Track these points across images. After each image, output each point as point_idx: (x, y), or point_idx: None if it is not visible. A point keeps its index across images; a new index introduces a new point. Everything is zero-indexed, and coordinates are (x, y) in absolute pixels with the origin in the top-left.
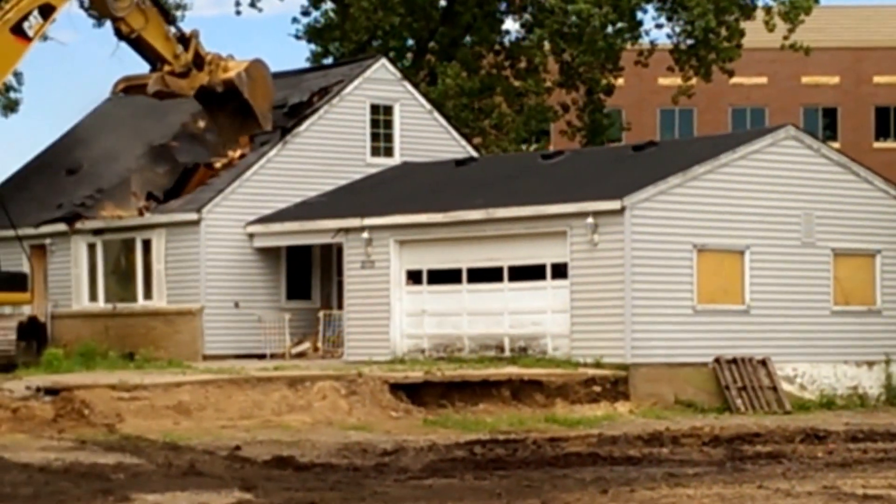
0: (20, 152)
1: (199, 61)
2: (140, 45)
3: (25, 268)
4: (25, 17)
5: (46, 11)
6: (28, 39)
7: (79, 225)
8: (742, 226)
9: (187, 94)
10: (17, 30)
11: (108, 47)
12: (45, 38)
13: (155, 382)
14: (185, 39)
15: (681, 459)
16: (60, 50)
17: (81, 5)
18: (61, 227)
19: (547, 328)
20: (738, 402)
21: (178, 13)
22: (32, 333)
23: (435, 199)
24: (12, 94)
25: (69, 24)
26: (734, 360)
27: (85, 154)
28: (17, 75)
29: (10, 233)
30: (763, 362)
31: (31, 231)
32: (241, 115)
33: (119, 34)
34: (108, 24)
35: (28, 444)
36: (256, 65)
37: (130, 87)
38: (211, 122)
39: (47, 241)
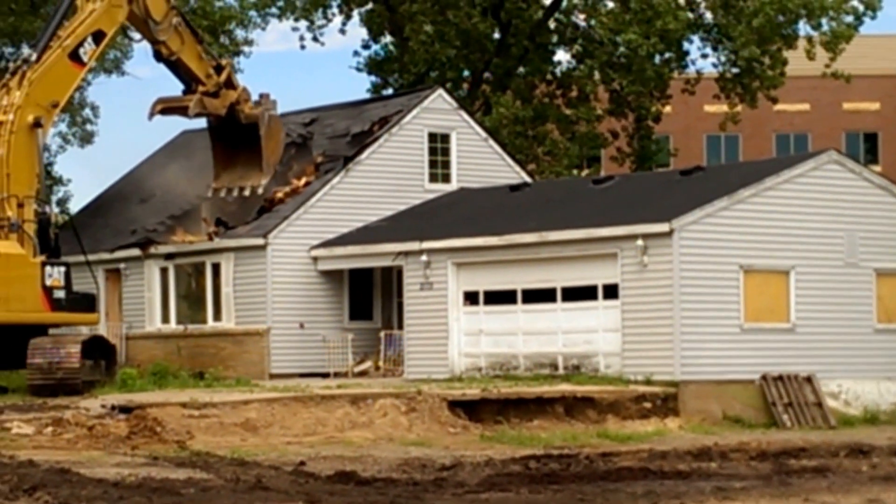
0: (97, 182)
1: (229, 86)
2: (177, 67)
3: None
4: (81, 44)
5: (99, 37)
6: (83, 65)
7: (152, 250)
8: (787, 247)
9: (221, 114)
10: (74, 56)
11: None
12: (122, 73)
13: (224, 400)
14: (219, 67)
15: (729, 473)
16: (136, 84)
17: (125, 33)
18: (135, 252)
19: (599, 347)
20: (785, 417)
21: (246, 49)
22: (101, 353)
23: (491, 223)
24: (88, 127)
25: (145, 60)
26: (780, 377)
27: (157, 183)
28: (94, 108)
29: (83, 258)
30: (808, 379)
31: (106, 256)
32: (247, 158)
33: (159, 56)
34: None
35: (103, 460)
36: (277, 119)
37: (168, 109)
38: (216, 155)
39: (122, 265)
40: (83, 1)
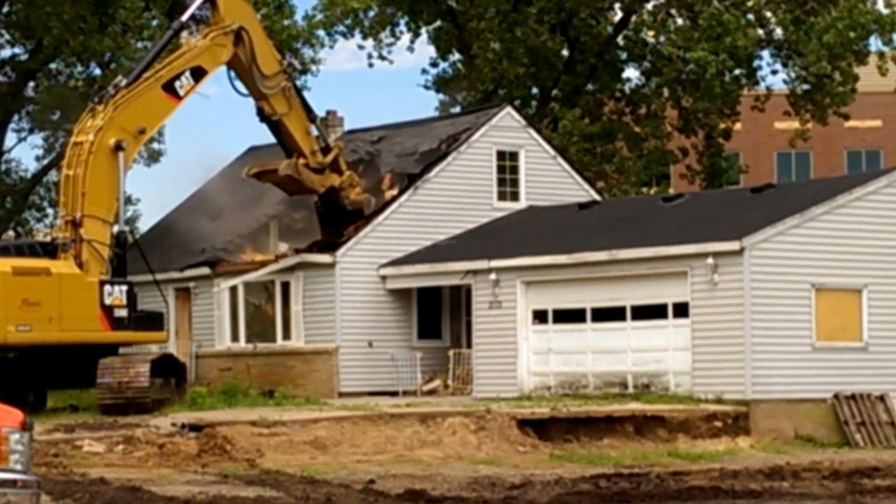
0: (166, 200)
1: (335, 170)
2: (280, 131)
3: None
4: (177, 77)
5: (198, 74)
6: (178, 98)
7: (221, 268)
8: (859, 265)
9: (317, 190)
10: (169, 88)
11: (250, 102)
12: None
13: (293, 419)
14: (328, 147)
15: (801, 493)
16: (204, 102)
17: (230, 81)
18: (205, 270)
19: (669, 365)
20: (857, 436)
21: (313, 68)
22: (170, 371)
23: (560, 241)
24: (155, 145)
25: (213, 78)
26: (853, 396)
27: (226, 201)
28: (161, 128)
29: (151, 277)
30: (881, 398)
31: (176, 275)
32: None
33: (261, 114)
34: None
35: (173, 478)
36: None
37: (262, 173)
38: (321, 225)
39: (191, 284)
40: (187, 38)
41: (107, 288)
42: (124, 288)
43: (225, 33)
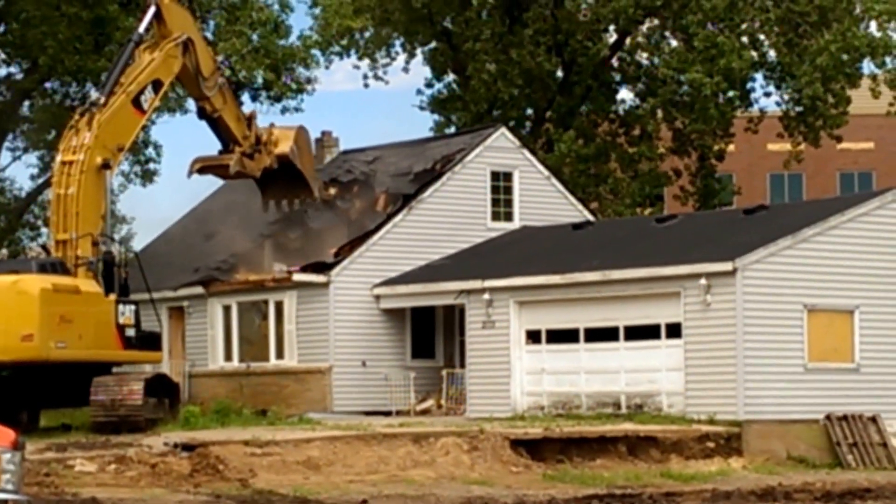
0: (160, 220)
1: (257, 140)
2: (218, 125)
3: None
4: (142, 91)
5: (157, 86)
6: (143, 112)
7: (215, 288)
8: (851, 286)
9: (256, 175)
10: (136, 103)
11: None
12: (185, 111)
13: (286, 438)
14: (247, 118)
15: None
16: (198, 123)
17: (172, 86)
18: (198, 289)
19: (662, 386)
20: (849, 458)
21: (309, 87)
22: (164, 391)
23: (553, 261)
24: (151, 166)
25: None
26: (845, 417)
27: (220, 220)
28: (157, 147)
29: (148, 296)
30: (873, 419)
31: (169, 294)
32: (292, 183)
33: (202, 113)
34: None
35: (166, 498)
36: (301, 132)
37: (206, 168)
38: (263, 193)
39: (185, 303)
40: (140, 51)
41: (119, 307)
42: (132, 307)
43: (176, 45)
